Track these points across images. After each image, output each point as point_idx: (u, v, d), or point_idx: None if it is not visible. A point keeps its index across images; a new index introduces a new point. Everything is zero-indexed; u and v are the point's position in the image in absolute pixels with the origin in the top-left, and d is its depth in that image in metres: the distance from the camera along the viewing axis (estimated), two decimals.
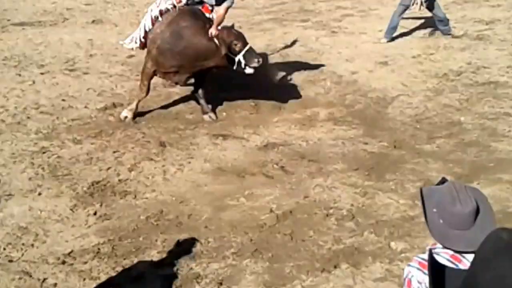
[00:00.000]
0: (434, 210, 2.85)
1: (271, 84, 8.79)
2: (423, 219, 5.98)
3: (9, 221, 5.88)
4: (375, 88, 9.20)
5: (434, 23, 11.28)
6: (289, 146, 7.55)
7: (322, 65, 9.92)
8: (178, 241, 5.63)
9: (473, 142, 7.56)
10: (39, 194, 6.39)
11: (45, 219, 5.95)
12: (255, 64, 7.77)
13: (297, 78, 9.36)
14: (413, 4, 10.64)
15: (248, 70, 7.82)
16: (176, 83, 8.54)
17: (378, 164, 7.08)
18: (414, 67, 9.99)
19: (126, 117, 8.15)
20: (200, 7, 8.20)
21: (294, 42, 11.03)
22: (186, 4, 8.18)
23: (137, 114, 8.24)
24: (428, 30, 11.46)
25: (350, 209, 6.12)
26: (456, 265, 2.79)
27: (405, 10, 10.85)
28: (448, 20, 11.16)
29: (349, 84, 9.34)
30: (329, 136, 7.81)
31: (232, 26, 8.14)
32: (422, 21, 11.42)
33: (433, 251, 2.85)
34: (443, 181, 6.98)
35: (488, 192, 6.39)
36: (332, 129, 8.01)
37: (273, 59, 10.19)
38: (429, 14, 11.08)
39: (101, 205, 6.21)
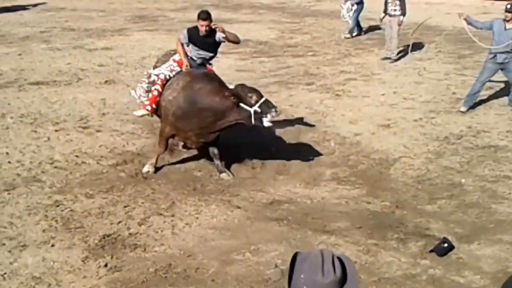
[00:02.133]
0: (302, 276, 2.75)
1: (278, 144, 8.97)
2: (424, 277, 6.13)
3: (23, 271, 6.06)
4: (377, 150, 9.40)
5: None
6: (294, 204, 7.71)
7: (326, 127, 10.14)
8: None
9: (474, 204, 7.73)
10: (52, 245, 6.55)
11: (57, 270, 6.11)
12: (273, 114, 7.68)
13: (302, 138, 9.55)
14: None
15: (266, 123, 7.74)
16: (196, 146, 8.58)
17: (380, 223, 7.23)
18: (416, 130, 10.21)
19: (148, 171, 8.36)
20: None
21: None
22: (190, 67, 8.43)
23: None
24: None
25: None
26: None
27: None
28: None
29: (353, 145, 9.54)
30: (333, 195, 7.98)
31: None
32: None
33: None
34: (444, 241, 7.11)
35: (489, 253, 6.56)
36: (335, 188, 8.19)
37: (279, 120, 10.39)
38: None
39: (111, 257, 6.36)
